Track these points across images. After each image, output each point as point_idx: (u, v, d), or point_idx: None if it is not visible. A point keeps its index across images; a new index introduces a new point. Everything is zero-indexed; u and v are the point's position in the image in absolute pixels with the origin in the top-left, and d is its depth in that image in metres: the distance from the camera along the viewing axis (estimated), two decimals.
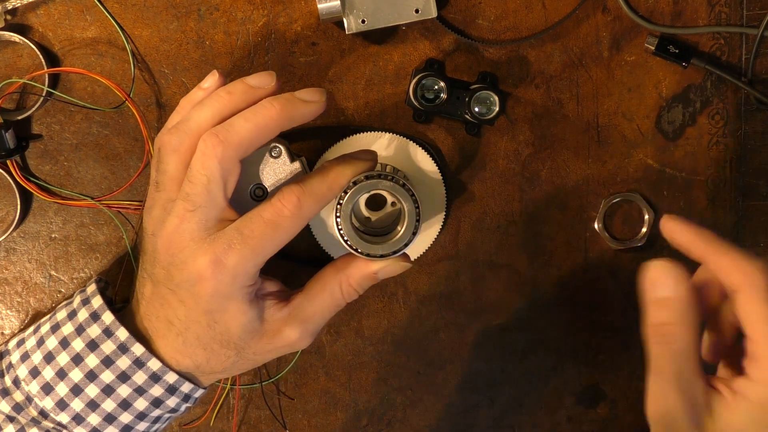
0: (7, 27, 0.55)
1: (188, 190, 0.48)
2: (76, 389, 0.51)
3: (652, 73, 0.59)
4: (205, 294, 0.49)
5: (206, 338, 0.51)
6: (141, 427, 0.53)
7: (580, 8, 0.58)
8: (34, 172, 0.58)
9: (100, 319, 0.52)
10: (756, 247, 0.62)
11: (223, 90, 0.50)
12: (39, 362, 0.52)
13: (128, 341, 0.51)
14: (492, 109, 0.56)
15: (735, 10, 0.59)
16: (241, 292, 0.49)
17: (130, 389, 0.51)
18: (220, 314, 0.50)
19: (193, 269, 0.49)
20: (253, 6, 0.57)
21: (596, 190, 0.61)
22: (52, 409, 0.51)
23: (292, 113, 0.49)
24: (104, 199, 0.58)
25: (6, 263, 0.59)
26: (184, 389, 0.52)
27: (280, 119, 0.49)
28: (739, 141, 0.61)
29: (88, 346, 0.51)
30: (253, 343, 0.51)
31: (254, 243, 0.48)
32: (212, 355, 0.51)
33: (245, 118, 0.48)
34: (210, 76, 0.51)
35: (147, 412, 0.52)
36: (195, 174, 0.48)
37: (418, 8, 0.54)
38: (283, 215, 0.48)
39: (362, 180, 0.50)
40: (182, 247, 0.49)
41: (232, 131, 0.48)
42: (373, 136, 0.58)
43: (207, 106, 0.49)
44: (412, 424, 0.64)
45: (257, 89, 0.50)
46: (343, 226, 0.50)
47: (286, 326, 0.51)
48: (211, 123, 0.49)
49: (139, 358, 0.51)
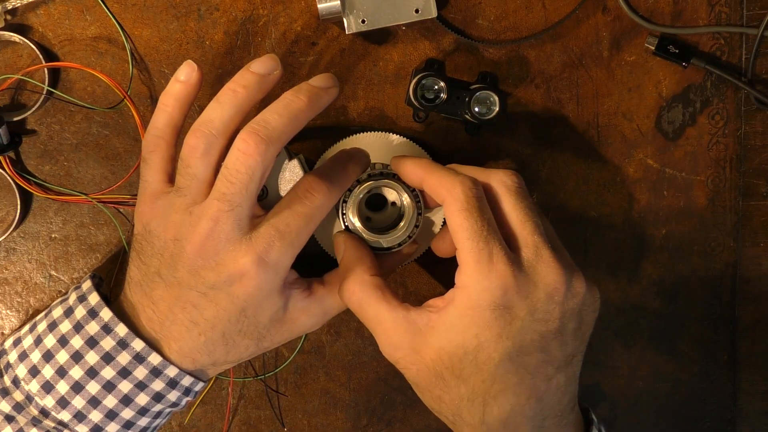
0: (7, 27, 0.55)
1: (225, 190, 0.48)
2: (76, 386, 0.51)
3: (652, 73, 0.59)
4: (244, 293, 0.49)
5: (231, 333, 0.51)
6: (142, 422, 0.53)
7: (580, 8, 0.58)
8: (33, 172, 0.58)
9: (99, 316, 0.52)
10: (756, 247, 0.62)
11: (236, 84, 0.49)
12: (38, 361, 0.52)
13: (128, 337, 0.51)
14: (492, 109, 0.56)
15: (735, 10, 0.59)
16: (279, 284, 0.50)
17: (131, 384, 0.51)
18: (254, 309, 0.50)
19: (234, 269, 0.49)
20: (253, 6, 0.57)
21: (596, 190, 0.61)
22: (53, 407, 0.51)
23: (317, 102, 0.50)
24: (98, 195, 0.58)
25: (6, 263, 0.59)
26: (185, 383, 0.52)
27: (309, 109, 0.50)
28: (739, 141, 0.61)
29: (88, 343, 0.51)
30: (274, 331, 0.52)
31: (292, 237, 0.49)
32: (233, 347, 0.52)
33: (279, 114, 0.49)
34: (185, 67, 0.51)
35: (148, 407, 0.52)
36: (234, 173, 0.48)
37: (418, 8, 0.54)
38: (315, 205, 0.50)
39: (366, 179, 0.54)
40: (218, 250, 0.49)
41: (270, 127, 0.48)
42: (373, 136, 0.58)
43: (226, 104, 0.49)
44: (412, 424, 0.64)
45: (268, 76, 0.50)
46: (349, 222, 0.54)
47: (305, 315, 0.53)
48: (236, 120, 0.49)
49: (140, 353, 0.51)
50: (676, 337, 0.64)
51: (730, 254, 0.62)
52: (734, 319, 0.64)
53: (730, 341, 0.64)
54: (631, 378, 0.64)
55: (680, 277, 0.63)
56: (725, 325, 0.64)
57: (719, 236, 0.62)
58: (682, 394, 0.65)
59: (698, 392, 0.65)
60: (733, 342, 0.64)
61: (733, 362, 0.64)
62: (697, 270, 0.63)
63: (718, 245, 0.62)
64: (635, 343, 0.64)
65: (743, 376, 0.65)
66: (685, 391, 0.65)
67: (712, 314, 0.63)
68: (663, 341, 0.64)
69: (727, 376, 0.65)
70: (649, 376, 0.64)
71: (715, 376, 0.65)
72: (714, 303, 0.63)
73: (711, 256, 0.62)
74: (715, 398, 0.65)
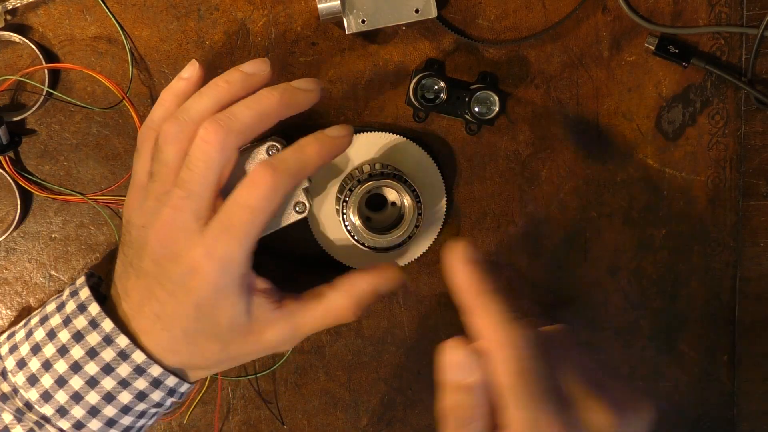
0: (7, 27, 0.55)
1: (185, 177, 0.48)
2: (60, 381, 0.51)
3: (652, 73, 0.59)
4: (197, 287, 0.49)
5: (193, 332, 0.50)
6: (125, 421, 0.52)
7: (580, 8, 0.58)
8: (33, 172, 0.58)
9: (87, 311, 0.51)
10: (756, 247, 0.62)
11: (220, 79, 0.50)
12: (26, 354, 0.52)
13: (113, 333, 0.51)
14: (492, 109, 0.56)
15: (735, 10, 0.59)
16: (234, 283, 0.49)
17: (114, 382, 0.51)
18: (210, 307, 0.50)
19: (188, 262, 0.49)
20: (253, 6, 0.57)
21: (596, 190, 0.61)
22: (36, 401, 0.51)
23: (291, 101, 0.49)
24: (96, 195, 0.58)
25: (6, 263, 0.59)
26: (168, 383, 0.52)
27: (280, 107, 0.49)
28: (739, 141, 0.61)
29: (74, 338, 0.51)
30: (239, 339, 0.51)
31: (237, 231, 0.48)
32: (196, 349, 0.51)
33: (246, 106, 0.49)
34: (189, 66, 0.51)
35: (131, 405, 0.52)
36: (193, 160, 0.48)
37: (418, 8, 0.54)
38: (259, 196, 0.48)
39: (366, 178, 0.54)
40: (176, 239, 0.49)
41: (234, 118, 0.48)
42: (373, 136, 0.58)
43: (206, 95, 0.49)
44: (412, 424, 0.64)
45: (253, 76, 0.50)
46: (349, 222, 0.54)
47: (272, 327, 0.51)
48: (211, 111, 0.49)
49: (124, 350, 0.50)
50: (676, 337, 0.64)
51: (730, 254, 0.62)
52: (734, 319, 0.64)
53: (730, 341, 0.64)
54: (631, 378, 0.64)
55: (680, 277, 0.63)
56: (725, 325, 0.64)
57: (719, 236, 0.62)
58: (682, 394, 0.65)
59: (698, 392, 0.65)
60: (733, 342, 0.64)
61: (733, 362, 0.64)
62: (697, 270, 0.63)
63: (718, 245, 0.62)
64: (635, 343, 0.64)
65: (743, 376, 0.65)
66: (685, 391, 0.65)
67: (712, 314, 0.63)
68: (663, 341, 0.64)
69: (727, 376, 0.65)
70: (649, 376, 0.64)
71: (715, 376, 0.65)
72: (714, 303, 0.63)
73: (711, 256, 0.62)
74: (715, 398, 0.65)
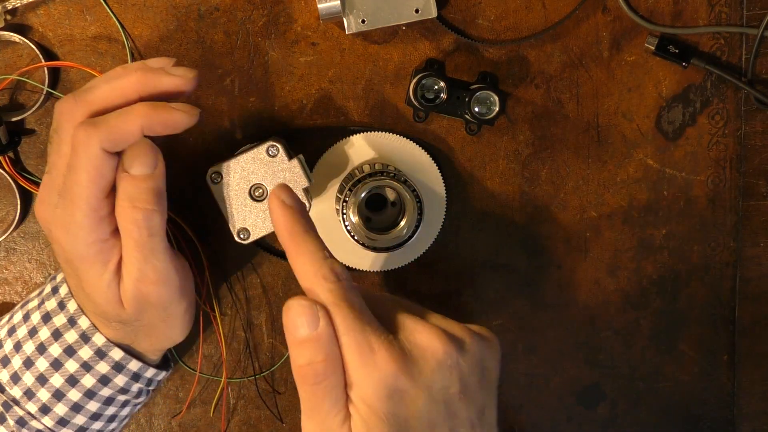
0: (7, 27, 0.55)
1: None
2: (27, 362, 0.51)
3: (652, 73, 0.59)
4: (58, 256, 0.50)
5: (90, 308, 0.51)
6: (92, 407, 0.52)
7: (580, 8, 0.58)
8: (33, 171, 0.58)
9: (58, 293, 0.52)
10: (756, 247, 0.62)
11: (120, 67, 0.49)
12: (3, 336, 0.53)
13: (76, 314, 0.51)
14: (492, 109, 0.56)
15: (735, 10, 0.59)
16: (87, 250, 0.48)
17: (77, 364, 0.51)
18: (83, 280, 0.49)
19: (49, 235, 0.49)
20: (253, 6, 0.57)
21: (596, 190, 0.61)
22: (7, 382, 0.52)
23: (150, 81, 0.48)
24: None
25: (6, 263, 0.59)
26: (131, 367, 0.52)
27: (138, 84, 0.47)
28: (739, 141, 0.61)
29: (43, 319, 0.52)
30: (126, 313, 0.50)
31: (72, 196, 0.47)
32: (102, 325, 0.51)
33: (103, 79, 0.48)
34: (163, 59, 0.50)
35: (95, 390, 0.52)
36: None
37: (418, 8, 0.54)
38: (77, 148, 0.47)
39: (366, 178, 0.54)
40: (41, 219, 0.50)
41: (86, 88, 0.48)
42: (373, 136, 0.58)
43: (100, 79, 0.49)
44: None
45: (154, 68, 0.48)
46: (349, 222, 0.54)
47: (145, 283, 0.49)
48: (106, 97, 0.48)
49: (85, 332, 0.51)
50: (676, 337, 0.64)
51: (730, 254, 0.62)
52: (734, 319, 0.64)
53: (730, 341, 0.64)
54: (631, 378, 0.64)
55: (680, 277, 0.63)
56: (725, 325, 0.64)
57: (719, 236, 0.62)
58: (682, 394, 0.65)
59: (698, 392, 0.65)
60: (733, 342, 0.64)
61: (733, 362, 0.64)
62: (697, 270, 0.63)
63: (718, 245, 0.62)
64: (635, 343, 0.64)
65: (743, 376, 0.65)
66: (685, 391, 0.65)
67: (712, 314, 0.63)
68: (663, 341, 0.64)
69: (727, 376, 0.65)
70: (650, 376, 0.64)
71: (715, 376, 0.65)
72: (714, 303, 0.63)
73: (711, 256, 0.62)
74: (715, 398, 0.65)
